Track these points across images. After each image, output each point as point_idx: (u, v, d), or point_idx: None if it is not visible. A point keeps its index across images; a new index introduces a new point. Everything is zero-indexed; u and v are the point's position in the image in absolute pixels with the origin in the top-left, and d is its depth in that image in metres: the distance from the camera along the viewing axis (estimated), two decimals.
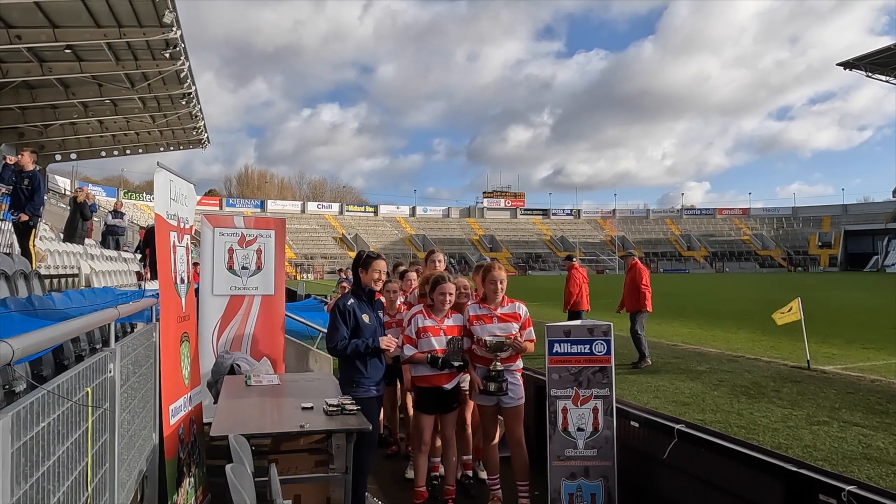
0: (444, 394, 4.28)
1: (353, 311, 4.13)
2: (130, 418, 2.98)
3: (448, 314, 4.33)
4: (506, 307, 4.23)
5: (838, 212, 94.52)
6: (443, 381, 4.25)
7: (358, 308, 4.15)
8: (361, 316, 4.14)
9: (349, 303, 4.16)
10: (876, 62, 44.07)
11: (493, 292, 4.19)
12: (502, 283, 4.19)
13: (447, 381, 4.28)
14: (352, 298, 4.21)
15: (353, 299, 4.20)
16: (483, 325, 4.21)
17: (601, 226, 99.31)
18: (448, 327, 4.28)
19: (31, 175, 8.62)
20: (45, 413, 1.71)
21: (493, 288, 4.18)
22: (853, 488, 2.72)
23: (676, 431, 3.75)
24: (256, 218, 7.29)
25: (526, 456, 4.25)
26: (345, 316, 4.11)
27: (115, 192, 59.95)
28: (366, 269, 4.22)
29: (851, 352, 10.62)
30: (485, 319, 4.22)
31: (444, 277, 4.34)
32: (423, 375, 4.29)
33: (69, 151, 25.37)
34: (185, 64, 17.91)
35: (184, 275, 4.47)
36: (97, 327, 2.89)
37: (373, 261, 4.22)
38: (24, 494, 1.54)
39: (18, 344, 1.44)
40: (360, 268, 4.26)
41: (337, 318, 4.13)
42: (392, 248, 77.99)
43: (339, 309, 4.15)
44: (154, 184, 4.12)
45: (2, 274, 6.04)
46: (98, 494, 2.31)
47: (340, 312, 4.13)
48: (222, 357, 5.59)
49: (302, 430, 3.50)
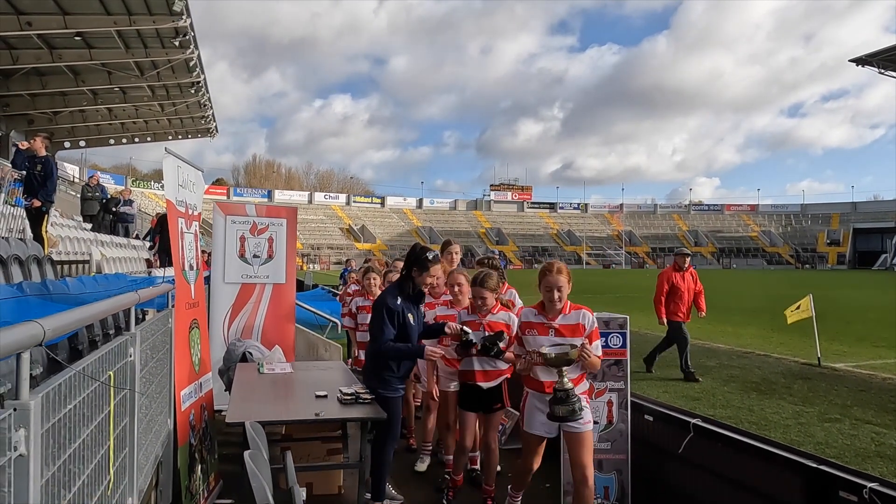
0: (480, 392, 4.09)
1: (402, 311, 3.88)
2: (148, 403, 2.99)
3: (493, 309, 4.16)
4: (569, 315, 3.51)
5: (847, 209, 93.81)
6: (479, 378, 4.07)
7: (405, 308, 3.91)
8: (408, 316, 3.91)
9: (398, 302, 3.89)
10: (889, 58, 43.52)
11: (549, 301, 3.52)
12: (560, 290, 3.46)
13: (483, 379, 4.08)
14: (400, 297, 3.92)
15: (402, 298, 3.92)
16: (535, 335, 3.53)
17: (608, 220, 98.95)
18: (491, 322, 4.10)
19: (43, 161, 8.63)
20: (72, 395, 1.70)
21: (550, 297, 3.50)
22: (875, 485, 2.70)
23: (692, 426, 3.72)
24: (268, 206, 7.28)
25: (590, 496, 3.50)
26: (392, 316, 3.85)
27: (124, 180, 60.15)
28: (424, 269, 3.92)
29: (862, 349, 10.54)
30: (539, 329, 3.54)
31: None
32: (463, 370, 4.18)
33: (78, 139, 25.45)
34: (195, 53, 17.89)
35: (192, 261, 4.47)
36: (116, 312, 2.88)
37: (432, 265, 3.93)
38: (53, 476, 1.53)
39: (49, 325, 1.43)
40: (415, 266, 3.94)
41: (384, 317, 3.84)
42: (398, 240, 78.02)
43: (388, 308, 3.87)
44: (163, 170, 4.12)
45: (16, 259, 6.06)
46: (118, 478, 2.31)
47: (389, 312, 3.86)
48: (234, 345, 5.60)
49: (317, 418, 3.50)
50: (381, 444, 3.81)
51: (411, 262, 3.96)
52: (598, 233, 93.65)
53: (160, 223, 14.32)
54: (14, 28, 14.47)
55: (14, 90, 18.89)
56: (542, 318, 3.53)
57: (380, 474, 3.88)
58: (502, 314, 4.18)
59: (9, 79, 18.19)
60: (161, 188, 72.45)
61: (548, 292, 3.49)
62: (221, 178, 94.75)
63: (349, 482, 4.41)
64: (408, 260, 4.02)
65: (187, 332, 4.22)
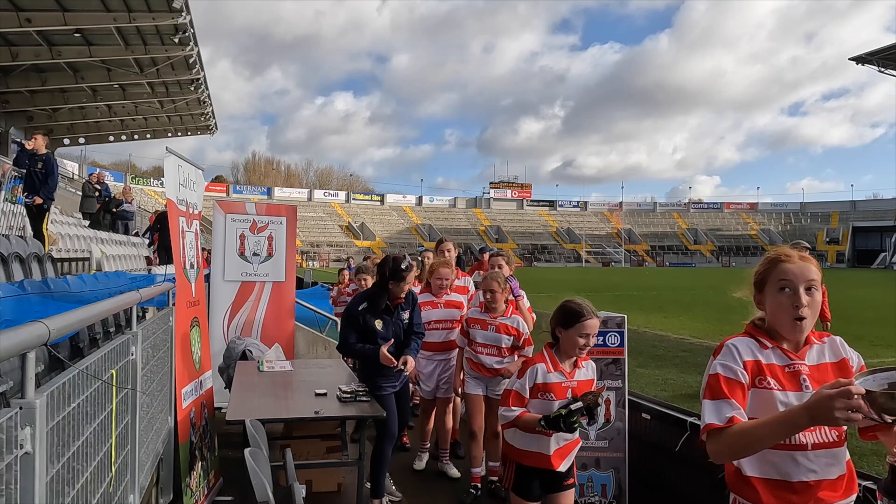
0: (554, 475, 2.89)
1: (364, 317, 3.95)
2: (149, 401, 3.01)
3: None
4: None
5: (847, 208, 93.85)
6: (555, 462, 2.84)
7: (368, 315, 3.95)
8: (374, 322, 3.95)
9: (360, 309, 3.96)
10: (889, 57, 43.52)
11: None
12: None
13: (560, 460, 2.86)
14: (366, 304, 3.99)
15: (367, 305, 3.98)
16: None
17: (608, 218, 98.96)
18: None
19: (44, 158, 8.64)
20: (75, 394, 1.73)
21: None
22: (868, 484, 2.72)
23: (689, 424, 3.75)
24: (268, 205, 7.31)
25: None
26: (352, 322, 3.97)
27: (123, 177, 60.18)
28: (400, 280, 3.93)
29: (860, 348, 10.32)
30: None
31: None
32: (528, 451, 2.86)
33: (78, 136, 25.47)
34: (194, 49, 17.89)
35: (193, 260, 4.49)
36: (119, 311, 2.91)
37: (406, 274, 3.92)
38: (57, 473, 1.55)
39: (54, 325, 1.45)
40: (391, 280, 3.93)
41: (345, 322, 4.04)
42: (398, 238, 78.07)
43: (349, 314, 4.01)
44: (164, 168, 4.13)
45: (16, 257, 6.08)
46: (120, 475, 2.34)
47: (350, 317, 4.00)
48: (234, 343, 5.62)
49: (317, 416, 3.52)
50: (377, 442, 3.84)
51: (387, 274, 3.93)
52: (597, 231, 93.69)
53: (158, 220, 14.33)
54: (13, 25, 14.47)
55: (14, 87, 18.88)
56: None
57: (378, 472, 3.91)
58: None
59: (8, 75, 18.18)
60: (160, 185, 72.55)
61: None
62: (221, 175, 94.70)
63: (349, 480, 4.44)
64: (381, 272, 3.99)
65: (188, 331, 4.25)
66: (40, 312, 2.45)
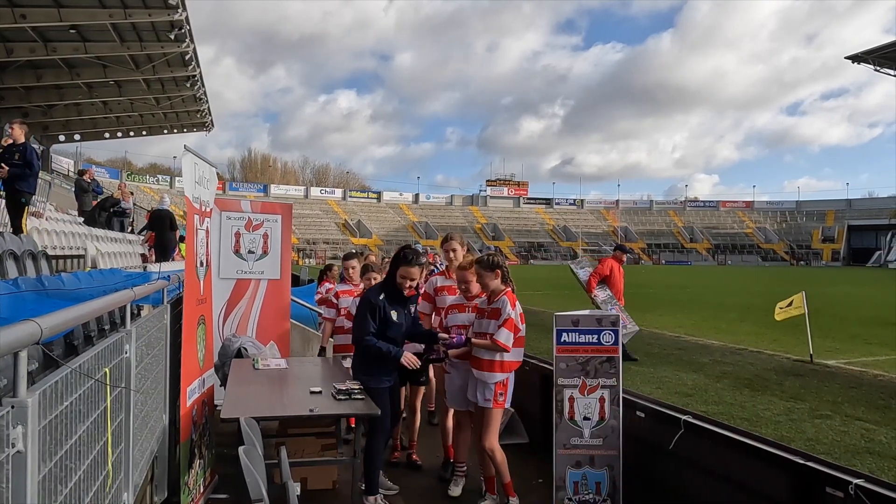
0: None
1: (384, 307, 4.01)
2: (143, 399, 3.01)
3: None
4: None
5: (842, 206, 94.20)
6: None
7: (387, 305, 4.03)
8: (391, 313, 4.03)
9: (381, 298, 4.03)
10: (885, 56, 43.60)
11: None
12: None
13: None
14: (383, 294, 4.06)
15: (385, 295, 4.05)
16: None
17: (604, 216, 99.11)
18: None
19: (21, 148, 7.87)
20: (68, 392, 1.72)
21: None
22: (860, 481, 2.74)
23: (683, 422, 3.76)
24: (263, 203, 7.30)
25: None
26: (374, 311, 4.00)
27: (119, 174, 59.97)
28: (402, 267, 4.05)
29: (854, 347, 10.63)
30: None
31: None
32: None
33: (73, 132, 25.40)
34: (190, 46, 17.84)
35: (203, 258, 4.48)
36: (113, 308, 2.90)
37: (407, 265, 4.04)
38: (50, 472, 1.55)
39: (46, 323, 1.45)
40: (400, 265, 4.06)
41: (365, 312, 4.02)
42: (394, 235, 78.02)
43: (370, 303, 4.03)
44: (182, 167, 4.14)
45: (10, 254, 6.06)
46: (114, 473, 2.34)
47: (370, 307, 4.01)
48: (229, 340, 5.61)
49: (311, 414, 3.53)
50: (369, 437, 3.85)
51: (397, 262, 4.09)
52: (593, 229, 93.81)
53: (153, 219, 14.26)
54: (8, 21, 14.40)
55: (8, 83, 18.82)
56: None
57: (371, 467, 3.92)
58: None
59: (3, 72, 18.11)
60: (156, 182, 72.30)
61: None
62: (217, 172, 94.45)
63: (345, 477, 4.44)
64: (392, 261, 4.17)
65: (195, 328, 4.23)
66: (35, 310, 2.45)
